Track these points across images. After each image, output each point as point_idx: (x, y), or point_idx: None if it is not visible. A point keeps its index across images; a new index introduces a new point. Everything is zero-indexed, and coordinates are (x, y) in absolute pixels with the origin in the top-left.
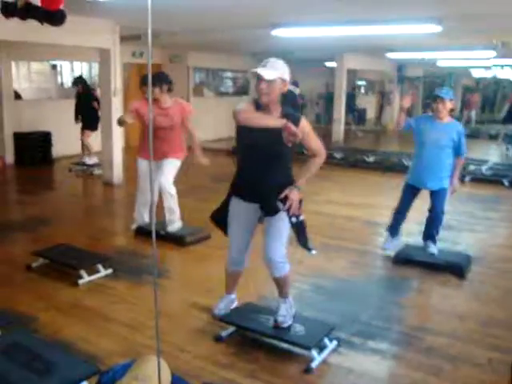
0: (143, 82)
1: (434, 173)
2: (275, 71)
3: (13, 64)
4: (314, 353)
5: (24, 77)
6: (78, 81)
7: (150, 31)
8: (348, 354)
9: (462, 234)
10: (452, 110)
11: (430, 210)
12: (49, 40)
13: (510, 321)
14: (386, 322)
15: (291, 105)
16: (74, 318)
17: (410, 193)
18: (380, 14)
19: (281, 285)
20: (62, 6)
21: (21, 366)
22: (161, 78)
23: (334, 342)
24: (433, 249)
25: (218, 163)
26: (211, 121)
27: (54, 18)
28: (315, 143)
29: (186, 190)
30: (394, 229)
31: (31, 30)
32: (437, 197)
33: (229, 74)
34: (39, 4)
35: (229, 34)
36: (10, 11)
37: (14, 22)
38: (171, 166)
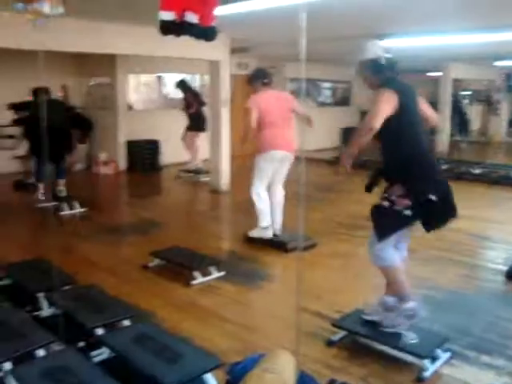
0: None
1: None
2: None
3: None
4: (427, 362)
5: (134, 88)
6: (180, 84)
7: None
8: (461, 367)
9: None
10: None
11: None
12: (165, 53)
13: None
14: (500, 337)
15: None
16: (190, 315)
17: None
18: (490, 22)
19: (385, 277)
20: (214, 23)
21: (151, 354)
22: (253, 75)
23: (447, 354)
24: None
25: (321, 173)
26: (313, 131)
27: (209, 34)
28: (370, 112)
29: (292, 198)
30: None
31: (149, 45)
32: None
33: (327, 85)
34: (197, 21)
35: (331, 45)
36: (168, 29)
37: (134, 36)
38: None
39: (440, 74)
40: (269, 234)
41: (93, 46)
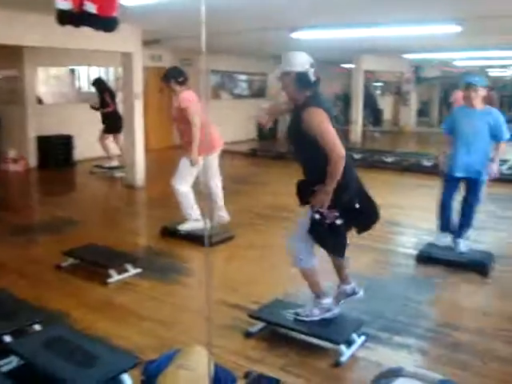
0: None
1: (471, 161)
2: (278, 69)
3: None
4: (343, 347)
5: (43, 81)
6: (96, 82)
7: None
8: (376, 349)
9: (484, 233)
10: (488, 99)
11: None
12: (76, 45)
13: None
14: (411, 318)
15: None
16: (106, 314)
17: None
18: (399, 16)
19: (302, 276)
20: (115, 13)
21: (63, 359)
22: (166, 74)
23: (362, 337)
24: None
25: (237, 165)
26: (229, 123)
27: (108, 24)
28: (325, 142)
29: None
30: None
31: (59, 36)
32: (472, 186)
33: (244, 77)
34: (95, 12)
35: (245, 37)
36: (65, 19)
37: (43, 27)
38: (180, 165)
39: (352, 65)
40: (201, 225)
41: None
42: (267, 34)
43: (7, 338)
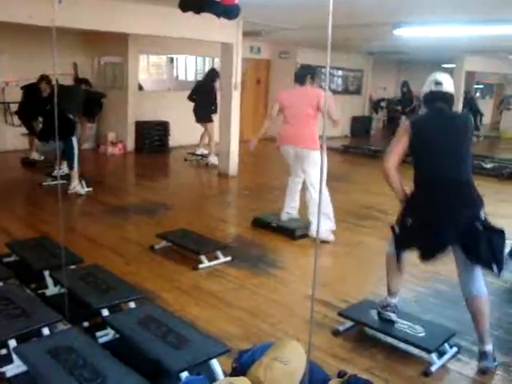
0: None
1: None
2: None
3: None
4: (434, 357)
5: (144, 69)
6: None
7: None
8: (468, 362)
9: None
10: None
11: None
12: (179, 35)
13: None
14: (507, 334)
15: None
16: (195, 299)
17: None
18: (505, 14)
19: None
20: (237, 1)
21: (157, 338)
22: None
23: (454, 349)
24: None
25: (332, 161)
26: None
27: (231, 12)
28: None
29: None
30: None
31: (163, 25)
32: None
33: (339, 73)
34: None
35: (346, 32)
36: (187, 5)
37: (148, 17)
38: None
39: (453, 65)
40: (283, 217)
41: (106, 24)
42: (369, 29)
43: (105, 312)
